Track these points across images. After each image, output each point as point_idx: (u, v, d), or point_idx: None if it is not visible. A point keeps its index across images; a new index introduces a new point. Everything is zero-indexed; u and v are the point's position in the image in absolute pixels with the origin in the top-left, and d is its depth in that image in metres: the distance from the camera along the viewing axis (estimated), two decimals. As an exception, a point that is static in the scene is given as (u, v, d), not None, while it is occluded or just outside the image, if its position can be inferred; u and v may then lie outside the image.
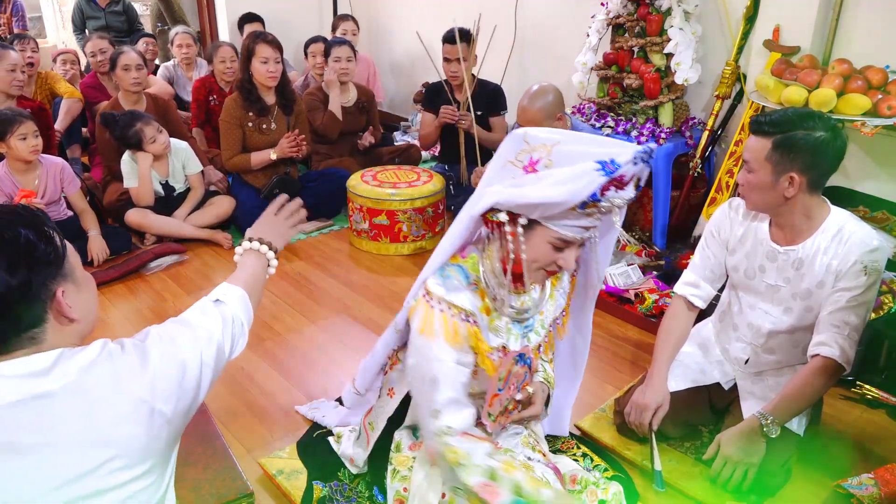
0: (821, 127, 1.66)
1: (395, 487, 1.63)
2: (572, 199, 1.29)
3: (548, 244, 1.40)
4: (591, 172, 1.27)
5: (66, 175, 3.21)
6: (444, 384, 1.43)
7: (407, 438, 1.68)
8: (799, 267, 1.81)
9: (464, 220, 1.46)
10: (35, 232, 1.03)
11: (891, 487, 1.74)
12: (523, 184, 1.36)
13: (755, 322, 1.93)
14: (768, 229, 1.86)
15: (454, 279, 1.46)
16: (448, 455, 1.40)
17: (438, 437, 1.42)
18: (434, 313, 1.44)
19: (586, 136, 1.40)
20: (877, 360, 2.31)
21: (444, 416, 1.42)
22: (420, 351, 1.45)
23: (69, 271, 1.08)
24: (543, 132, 1.38)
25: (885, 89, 2.49)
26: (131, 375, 1.05)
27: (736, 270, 1.94)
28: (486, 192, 1.41)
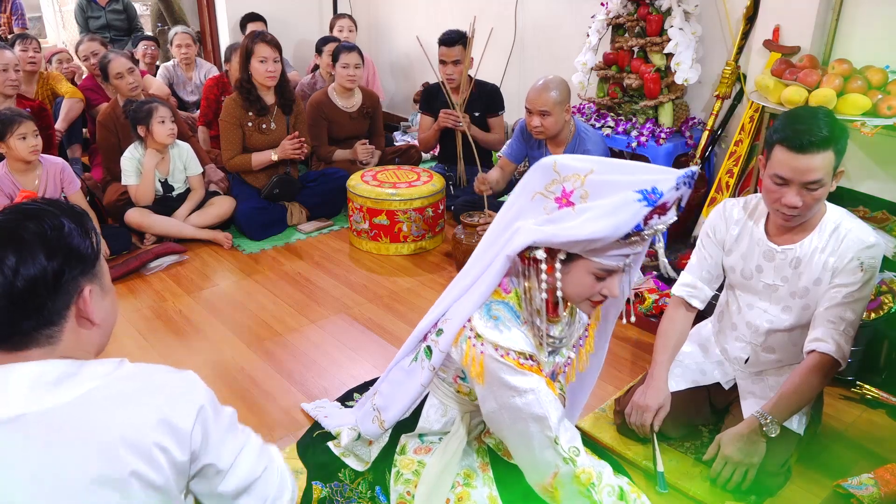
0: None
1: (398, 490, 1.62)
2: (616, 233, 1.25)
3: (590, 275, 1.35)
4: (633, 203, 1.23)
5: (67, 175, 3.21)
6: (550, 410, 1.38)
7: (413, 442, 1.67)
8: (797, 266, 1.81)
9: (496, 257, 1.40)
10: (78, 226, 1.03)
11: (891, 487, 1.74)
12: (560, 219, 1.30)
13: (754, 321, 1.93)
14: (764, 229, 1.86)
15: (505, 321, 1.40)
16: (581, 477, 1.37)
17: (568, 463, 1.37)
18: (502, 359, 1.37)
19: (619, 163, 1.33)
20: (877, 360, 2.31)
21: (563, 439, 1.38)
22: (500, 393, 1.38)
23: (100, 273, 1.07)
24: (573, 160, 1.32)
25: (885, 89, 2.49)
26: (139, 418, 1.00)
27: (733, 271, 1.94)
28: (519, 229, 1.35)
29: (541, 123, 2.83)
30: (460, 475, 1.61)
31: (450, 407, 1.63)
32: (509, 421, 1.40)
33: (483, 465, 1.64)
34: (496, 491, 1.60)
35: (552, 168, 1.33)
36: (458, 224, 3.26)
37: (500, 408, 1.39)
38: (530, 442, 1.39)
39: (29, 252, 0.97)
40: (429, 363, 1.53)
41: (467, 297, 1.44)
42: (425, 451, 1.64)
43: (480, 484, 1.61)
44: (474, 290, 1.43)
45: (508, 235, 1.39)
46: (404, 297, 2.98)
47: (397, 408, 1.64)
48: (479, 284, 1.43)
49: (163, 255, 3.28)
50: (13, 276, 0.95)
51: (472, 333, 1.40)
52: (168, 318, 2.83)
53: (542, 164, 1.35)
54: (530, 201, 1.37)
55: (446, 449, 1.62)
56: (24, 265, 0.96)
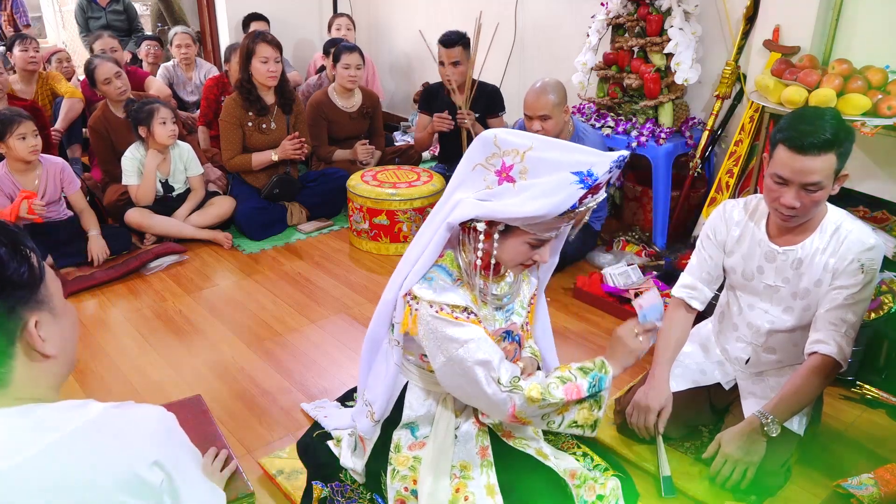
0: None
1: (395, 487, 1.63)
2: (553, 212, 1.34)
3: (525, 244, 1.44)
4: (569, 185, 1.32)
5: (66, 175, 3.21)
6: (491, 354, 1.46)
7: (406, 438, 1.67)
8: (798, 267, 1.81)
9: (440, 227, 1.47)
10: (8, 249, 0.89)
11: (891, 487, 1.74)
12: (500, 195, 1.39)
13: (755, 322, 1.93)
14: (766, 230, 1.86)
15: (439, 280, 1.48)
16: (532, 393, 1.46)
17: (515, 392, 1.46)
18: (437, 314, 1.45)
19: (556, 142, 1.41)
20: (877, 360, 2.31)
21: (504, 376, 1.47)
22: (442, 346, 1.46)
23: (45, 298, 0.93)
24: (514, 136, 1.40)
25: (885, 89, 2.49)
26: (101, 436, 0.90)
27: (734, 272, 1.94)
28: (461, 201, 1.43)
29: (542, 127, 2.84)
30: (456, 467, 1.62)
31: (429, 391, 1.66)
32: (459, 372, 1.47)
33: (482, 450, 1.64)
34: (494, 478, 1.60)
35: (493, 141, 1.41)
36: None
37: (448, 360, 1.47)
38: (480, 386, 1.46)
39: None
40: (392, 338, 1.59)
41: (414, 271, 1.50)
42: (420, 447, 1.65)
43: (478, 474, 1.61)
44: (422, 260, 1.50)
45: (450, 207, 1.46)
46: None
47: (382, 396, 1.67)
48: (424, 255, 1.50)
49: (163, 255, 3.28)
50: None
51: (409, 297, 1.48)
52: (168, 318, 2.83)
53: (484, 136, 1.42)
54: (471, 171, 1.44)
55: (436, 433, 1.64)
56: None
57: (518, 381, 1.48)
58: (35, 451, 0.86)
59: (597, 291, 2.90)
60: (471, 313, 1.48)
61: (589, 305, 2.89)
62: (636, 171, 3.59)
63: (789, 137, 1.65)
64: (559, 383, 1.50)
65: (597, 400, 1.54)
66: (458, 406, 1.67)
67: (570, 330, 2.73)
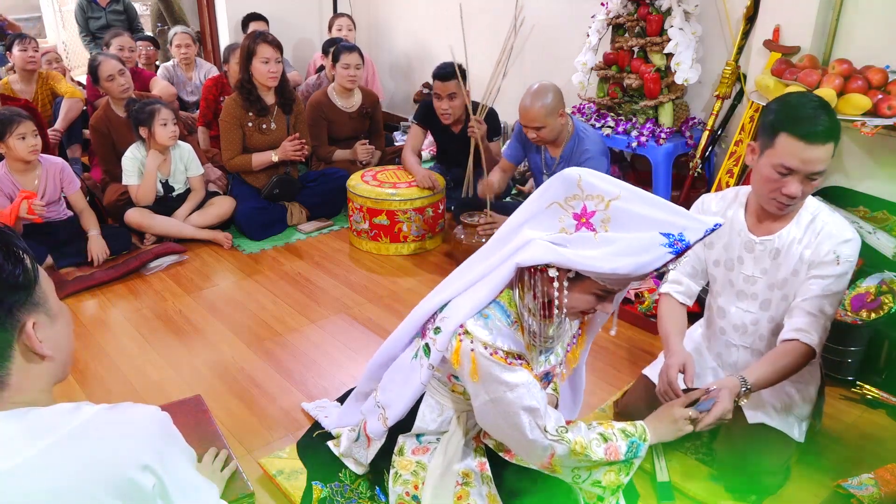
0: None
1: (396, 491, 1.63)
2: (636, 272, 1.26)
3: (592, 294, 1.38)
4: (657, 248, 1.24)
5: (66, 175, 3.21)
6: (539, 403, 1.43)
7: (411, 443, 1.67)
8: (776, 256, 1.80)
9: (505, 262, 1.40)
10: (2, 252, 0.89)
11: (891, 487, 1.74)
12: (578, 243, 1.31)
13: (738, 322, 1.92)
14: (744, 219, 1.85)
15: (495, 321, 1.42)
16: (576, 448, 1.45)
17: (559, 443, 1.44)
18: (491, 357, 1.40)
19: (646, 195, 1.32)
20: (877, 360, 2.31)
21: (550, 425, 1.45)
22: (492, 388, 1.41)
23: (41, 299, 0.94)
24: (600, 180, 1.32)
25: (885, 89, 2.49)
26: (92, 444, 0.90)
27: (717, 265, 1.92)
28: (533, 241, 1.35)
29: (537, 135, 2.83)
30: (459, 475, 1.62)
31: (445, 406, 1.64)
32: (501, 413, 1.44)
33: (480, 465, 1.64)
34: (495, 489, 1.60)
35: (576, 183, 1.32)
36: (458, 224, 3.26)
37: (491, 401, 1.43)
38: (524, 431, 1.44)
39: None
40: (427, 361, 1.54)
41: (468, 297, 1.45)
42: (423, 452, 1.65)
43: (479, 483, 1.61)
44: (477, 290, 1.44)
45: (519, 243, 1.39)
46: (404, 297, 2.98)
47: (400, 405, 1.64)
48: (482, 286, 1.44)
49: (163, 255, 3.28)
50: None
51: (461, 330, 1.42)
52: (168, 318, 2.83)
53: (567, 175, 1.34)
54: (546, 209, 1.36)
55: (447, 449, 1.62)
56: None
57: (565, 431, 1.46)
58: (28, 456, 0.85)
59: (597, 291, 2.90)
60: (523, 359, 1.45)
61: (589, 305, 2.89)
62: (636, 171, 3.59)
63: (796, 127, 1.61)
64: (601, 441, 1.49)
65: (627, 465, 1.53)
66: (469, 425, 1.66)
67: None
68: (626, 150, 3.33)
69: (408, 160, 3.61)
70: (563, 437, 1.45)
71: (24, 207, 2.95)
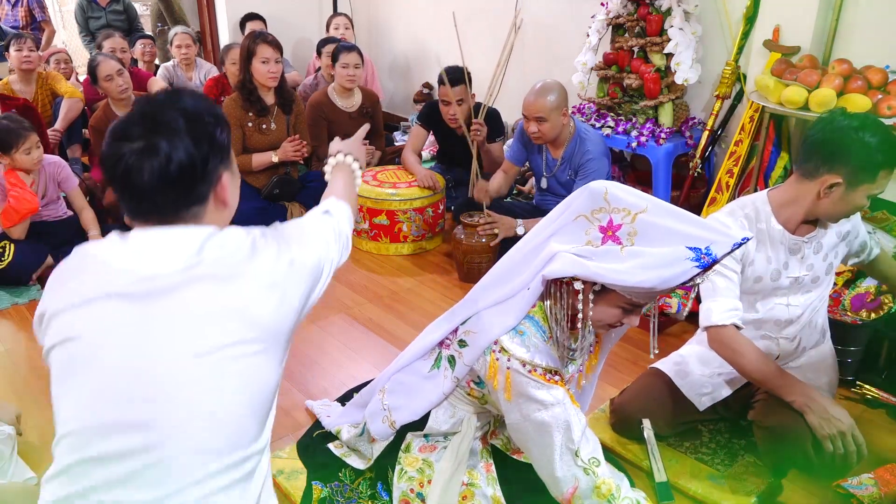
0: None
1: (401, 487, 1.63)
2: (662, 286, 1.27)
3: (618, 307, 1.38)
4: (684, 262, 1.25)
5: (63, 172, 3.21)
6: (574, 422, 1.40)
7: (418, 441, 1.67)
8: (819, 250, 1.85)
9: (535, 277, 1.40)
10: (216, 120, 1.12)
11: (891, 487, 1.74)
12: (605, 257, 1.31)
13: (779, 316, 1.91)
14: (779, 226, 1.84)
15: (532, 337, 1.42)
16: (601, 488, 1.39)
17: (587, 474, 1.39)
18: (528, 374, 1.40)
19: (672, 209, 1.33)
20: (877, 360, 2.31)
21: (584, 451, 1.40)
22: (525, 405, 1.40)
23: (232, 161, 1.17)
24: (626, 193, 1.33)
25: (885, 89, 2.49)
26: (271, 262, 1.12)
27: (759, 280, 1.88)
28: (559, 254, 1.36)
29: (538, 129, 2.83)
30: (465, 475, 1.62)
31: (458, 409, 1.64)
32: (533, 433, 1.41)
33: (486, 466, 1.64)
34: (500, 491, 1.60)
35: (603, 196, 1.33)
36: (458, 224, 3.26)
37: (524, 420, 1.41)
38: (552, 454, 1.40)
39: (180, 141, 1.06)
40: (452, 374, 1.54)
41: (500, 311, 1.44)
42: (430, 450, 1.65)
43: (484, 483, 1.61)
44: (508, 307, 1.44)
45: (546, 256, 1.39)
46: (404, 297, 2.98)
47: (412, 411, 1.64)
48: (513, 303, 1.43)
49: (163, 255, 3.27)
50: (167, 162, 1.05)
51: (496, 347, 1.41)
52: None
53: (593, 188, 1.35)
54: (572, 222, 1.37)
55: (458, 450, 1.62)
56: (175, 152, 1.05)
57: (597, 465, 1.41)
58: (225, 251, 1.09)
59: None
60: (560, 375, 1.44)
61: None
62: (636, 172, 3.59)
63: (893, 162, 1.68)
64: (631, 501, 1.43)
65: None
66: (478, 425, 1.66)
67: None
68: (626, 150, 3.33)
69: (408, 160, 3.61)
70: (592, 468, 1.40)
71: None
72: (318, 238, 1.25)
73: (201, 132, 1.08)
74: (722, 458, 1.97)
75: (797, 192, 1.79)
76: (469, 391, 1.59)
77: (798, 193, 1.79)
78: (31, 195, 3.01)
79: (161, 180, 1.05)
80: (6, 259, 3.01)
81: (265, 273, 1.10)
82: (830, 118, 1.72)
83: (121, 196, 1.10)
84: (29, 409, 2.19)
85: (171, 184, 1.06)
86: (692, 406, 1.98)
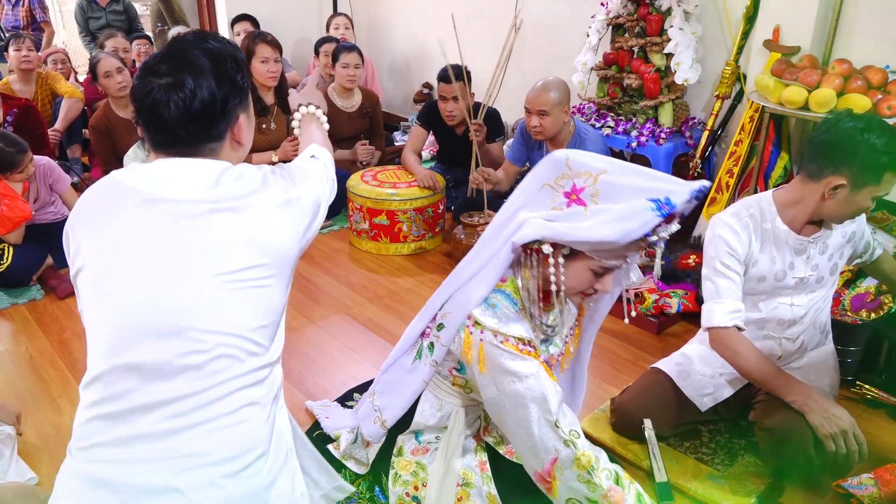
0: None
1: (396, 492, 1.62)
2: (626, 238, 1.28)
3: (589, 271, 1.39)
4: (645, 212, 1.27)
5: (54, 173, 3.20)
6: (551, 394, 1.39)
7: (409, 443, 1.67)
8: (824, 250, 1.85)
9: (503, 246, 1.42)
10: (237, 64, 1.22)
11: (891, 487, 1.74)
12: (570, 217, 1.33)
13: (782, 316, 1.91)
14: (784, 226, 1.84)
15: (503, 308, 1.43)
16: (581, 460, 1.38)
17: (568, 446, 1.38)
18: (501, 345, 1.40)
19: (632, 167, 1.36)
20: (877, 360, 2.31)
21: (563, 422, 1.40)
22: (500, 379, 1.40)
23: (248, 104, 1.27)
24: (587, 157, 1.35)
25: (885, 89, 2.49)
26: (280, 194, 1.22)
27: (763, 280, 1.88)
28: (527, 221, 1.37)
29: (539, 123, 2.84)
30: (459, 475, 1.61)
31: (445, 401, 1.63)
32: (510, 407, 1.41)
33: (481, 465, 1.64)
34: (495, 489, 1.60)
35: (565, 162, 1.36)
36: (458, 224, 3.26)
37: (500, 394, 1.41)
38: (530, 426, 1.39)
39: (204, 80, 1.16)
40: (430, 358, 1.54)
41: (472, 287, 1.45)
42: (423, 452, 1.64)
43: (479, 482, 1.61)
44: (479, 279, 1.45)
45: (514, 226, 1.41)
46: (404, 297, 2.98)
47: (398, 406, 1.64)
48: (485, 274, 1.45)
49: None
50: (191, 97, 1.14)
51: (470, 322, 1.42)
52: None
53: (555, 157, 1.38)
54: (538, 191, 1.39)
55: (447, 447, 1.62)
56: (199, 90, 1.15)
57: (577, 436, 1.40)
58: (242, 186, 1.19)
59: (597, 291, 2.90)
60: (533, 346, 1.44)
61: (589, 305, 2.89)
62: (636, 171, 3.59)
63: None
64: (612, 477, 1.40)
65: None
66: (468, 421, 1.66)
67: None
68: (626, 150, 3.33)
69: (408, 160, 3.61)
70: (573, 440, 1.39)
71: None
72: (313, 177, 1.35)
73: (224, 74, 1.18)
74: (722, 458, 1.97)
75: (802, 193, 1.79)
76: (453, 380, 1.58)
77: (803, 194, 1.79)
78: (24, 203, 3.00)
79: (185, 114, 1.15)
80: (5, 261, 3.01)
81: (275, 204, 1.21)
82: (836, 119, 1.72)
83: (146, 128, 1.19)
84: (29, 409, 2.19)
85: (193, 119, 1.16)
86: (693, 406, 1.98)
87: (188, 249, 1.13)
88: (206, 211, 1.15)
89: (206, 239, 1.14)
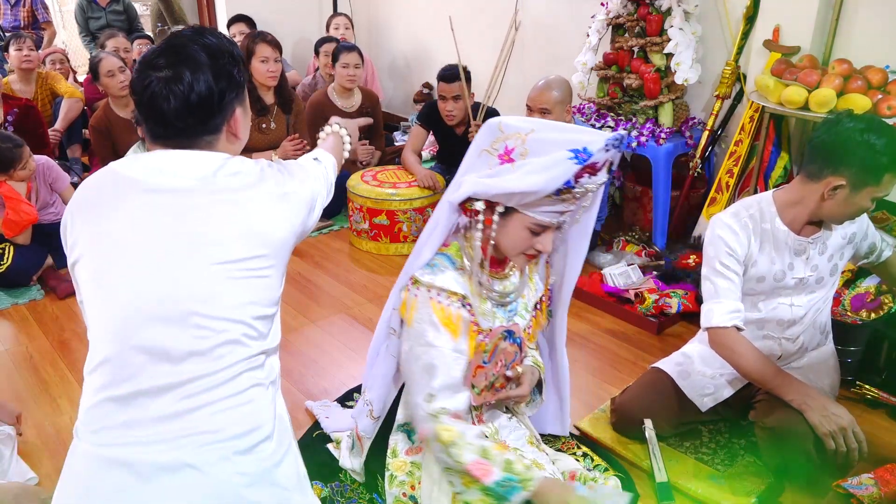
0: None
1: (393, 493, 1.62)
2: (547, 187, 1.35)
3: (526, 229, 1.45)
4: (564, 161, 1.34)
5: (53, 172, 3.21)
6: (441, 371, 1.46)
7: (403, 443, 1.67)
8: (824, 251, 1.85)
9: (443, 207, 1.50)
10: (234, 59, 1.24)
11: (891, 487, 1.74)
12: (499, 173, 1.41)
13: (782, 316, 1.91)
14: (784, 227, 1.84)
15: (442, 268, 1.50)
16: (442, 434, 1.43)
17: (433, 418, 1.45)
18: (429, 302, 1.47)
19: (559, 125, 1.45)
20: (877, 360, 2.31)
21: (439, 400, 1.46)
22: (415, 337, 1.48)
23: (244, 98, 1.29)
24: (517, 120, 1.43)
25: (885, 89, 2.49)
26: (276, 188, 1.25)
27: (762, 280, 1.87)
28: (464, 181, 1.46)
29: None
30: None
31: None
32: (413, 365, 1.49)
33: None
34: None
35: (498, 127, 1.44)
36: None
37: (409, 350, 1.49)
38: (414, 392, 1.48)
39: (202, 73, 1.18)
40: (389, 326, 1.62)
41: (417, 252, 1.54)
42: (416, 452, 1.65)
43: None
44: (425, 245, 1.53)
45: (454, 187, 1.49)
46: (404, 297, 2.98)
47: (379, 389, 1.69)
48: (429, 240, 1.52)
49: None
50: (189, 90, 1.17)
51: (409, 282, 1.51)
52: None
53: (490, 123, 1.45)
54: (477, 157, 1.47)
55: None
56: (197, 83, 1.17)
57: (444, 413, 1.45)
58: (243, 182, 1.22)
59: (597, 291, 2.90)
60: (467, 303, 1.49)
61: (589, 305, 2.89)
62: (636, 172, 3.59)
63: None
64: (475, 451, 1.41)
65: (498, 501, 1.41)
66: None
67: (570, 330, 2.71)
68: (626, 150, 3.32)
69: (408, 160, 3.61)
70: (438, 416, 1.44)
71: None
72: (311, 176, 1.38)
73: (221, 68, 1.20)
74: (722, 458, 1.97)
75: (802, 193, 1.79)
76: None
77: (802, 194, 1.79)
78: (29, 206, 3.01)
79: (182, 106, 1.17)
80: (6, 262, 3.01)
81: (273, 197, 1.24)
82: (836, 120, 1.72)
83: (145, 120, 1.21)
84: (29, 409, 2.19)
85: (191, 111, 1.18)
86: (694, 406, 1.98)
87: (189, 239, 1.15)
88: (205, 202, 1.17)
89: (205, 229, 1.16)
